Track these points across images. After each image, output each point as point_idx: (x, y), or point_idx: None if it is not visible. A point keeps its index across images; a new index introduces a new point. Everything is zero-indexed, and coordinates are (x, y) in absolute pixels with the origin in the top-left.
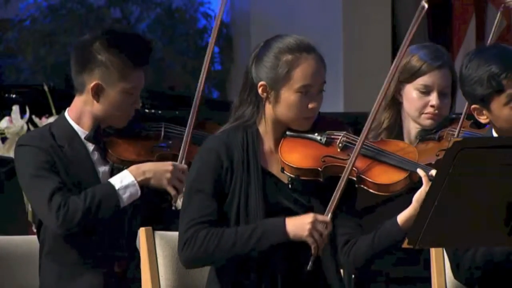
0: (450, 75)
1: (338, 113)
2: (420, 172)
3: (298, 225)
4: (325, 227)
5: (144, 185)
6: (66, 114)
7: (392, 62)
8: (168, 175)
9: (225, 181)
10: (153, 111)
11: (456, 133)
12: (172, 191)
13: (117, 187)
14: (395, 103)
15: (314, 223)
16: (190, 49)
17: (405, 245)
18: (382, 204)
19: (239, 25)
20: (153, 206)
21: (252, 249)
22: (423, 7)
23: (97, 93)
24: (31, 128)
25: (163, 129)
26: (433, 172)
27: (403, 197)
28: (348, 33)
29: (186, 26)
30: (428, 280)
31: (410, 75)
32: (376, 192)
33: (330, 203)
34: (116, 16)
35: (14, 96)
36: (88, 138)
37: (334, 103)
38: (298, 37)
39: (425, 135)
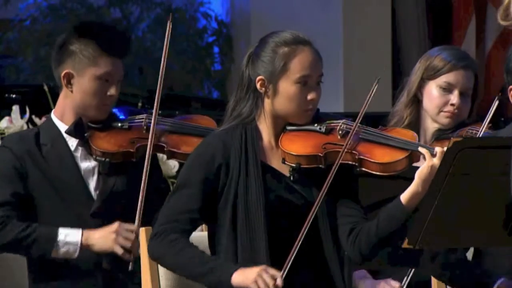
0: (473, 79)
1: (338, 113)
2: (422, 149)
3: (246, 274)
4: (274, 280)
5: (88, 250)
6: (52, 113)
7: (392, 62)
8: (113, 236)
9: (218, 179)
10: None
11: (479, 133)
12: (119, 251)
13: (59, 238)
14: (416, 100)
15: (261, 272)
16: (190, 49)
17: (405, 245)
18: (385, 202)
19: (239, 25)
20: (153, 206)
21: (197, 275)
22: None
23: (69, 81)
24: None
25: (145, 120)
26: (437, 149)
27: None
28: (348, 33)
29: (186, 26)
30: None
31: (434, 72)
32: (378, 173)
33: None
34: (116, 16)
35: (14, 96)
36: (69, 132)
37: (334, 103)
38: (293, 31)
39: (441, 134)
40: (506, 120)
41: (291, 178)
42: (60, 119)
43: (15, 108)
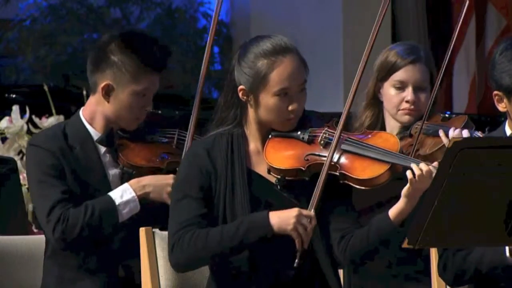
0: (427, 70)
1: (338, 113)
2: (406, 162)
3: (283, 218)
4: (310, 222)
5: (144, 199)
6: (81, 113)
7: None
8: (168, 188)
9: (210, 186)
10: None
11: (419, 127)
12: (168, 199)
13: (117, 202)
14: (376, 102)
15: (298, 216)
16: (190, 49)
17: (405, 245)
18: (380, 206)
19: (239, 25)
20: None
21: (239, 243)
22: None
23: (108, 93)
24: (31, 128)
25: (176, 136)
26: (422, 165)
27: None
28: (348, 33)
29: (186, 26)
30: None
31: (386, 72)
32: (360, 187)
33: (311, 200)
34: (116, 16)
35: (14, 96)
36: (100, 142)
37: (334, 103)
38: (274, 39)
39: (401, 133)
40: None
41: (278, 186)
42: (90, 122)
43: (15, 108)
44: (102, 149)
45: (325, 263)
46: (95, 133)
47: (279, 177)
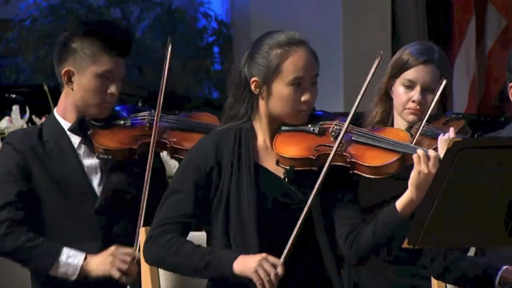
0: (439, 73)
1: (338, 113)
2: (415, 152)
3: (246, 263)
4: (274, 268)
5: (86, 276)
6: (54, 111)
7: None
8: (109, 259)
9: (210, 183)
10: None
11: (419, 127)
12: (116, 274)
13: (61, 257)
14: (387, 99)
15: (261, 261)
16: (190, 49)
17: (405, 245)
18: (384, 203)
19: (239, 25)
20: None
21: (198, 271)
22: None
23: (70, 79)
24: None
25: (148, 117)
26: (430, 152)
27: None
28: (348, 33)
29: (186, 26)
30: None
31: (398, 70)
32: (370, 176)
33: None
34: (116, 16)
35: (14, 96)
36: (72, 130)
37: (334, 103)
38: (288, 32)
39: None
40: (506, 120)
41: (285, 180)
42: (63, 117)
43: (15, 108)
44: (77, 140)
45: (328, 258)
46: (67, 126)
47: (287, 167)
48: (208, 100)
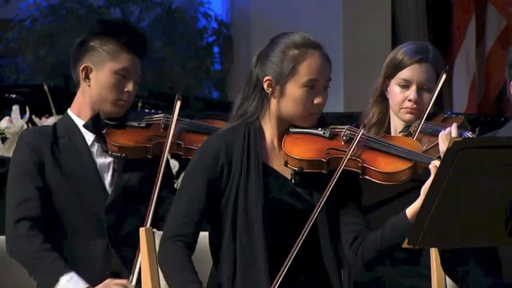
0: (434, 71)
1: (338, 113)
2: (429, 163)
3: None
4: None
5: None
6: (69, 110)
7: None
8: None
9: (221, 180)
10: (153, 111)
11: (418, 125)
12: None
13: (61, 278)
14: (383, 100)
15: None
16: (190, 49)
17: (405, 245)
18: (386, 203)
19: (239, 25)
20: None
21: None
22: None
23: (87, 75)
24: None
25: (163, 119)
26: (435, 161)
27: (408, 195)
28: (348, 33)
29: (186, 26)
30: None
31: (393, 70)
32: (380, 182)
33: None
34: (116, 16)
35: (14, 96)
36: (86, 126)
37: (334, 103)
38: (304, 34)
39: (403, 131)
40: (506, 119)
41: (292, 181)
42: (77, 115)
43: (15, 108)
44: (91, 138)
45: (329, 261)
46: (82, 123)
47: (296, 169)
48: (208, 99)
